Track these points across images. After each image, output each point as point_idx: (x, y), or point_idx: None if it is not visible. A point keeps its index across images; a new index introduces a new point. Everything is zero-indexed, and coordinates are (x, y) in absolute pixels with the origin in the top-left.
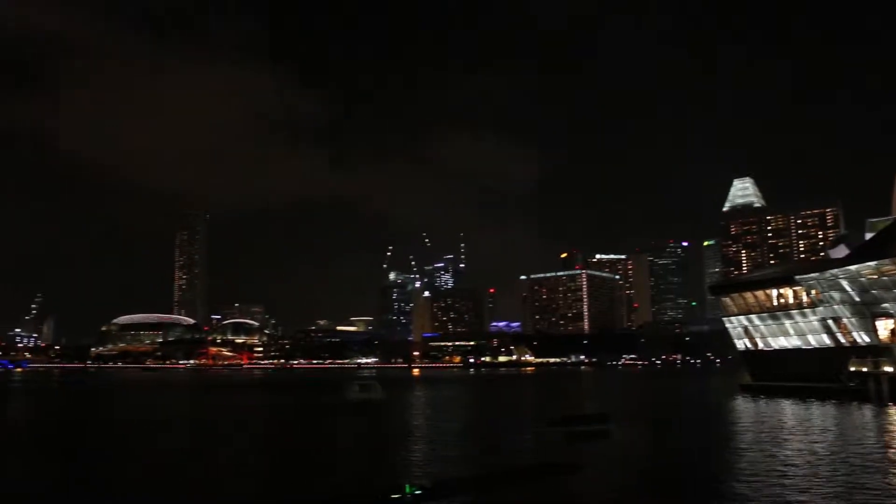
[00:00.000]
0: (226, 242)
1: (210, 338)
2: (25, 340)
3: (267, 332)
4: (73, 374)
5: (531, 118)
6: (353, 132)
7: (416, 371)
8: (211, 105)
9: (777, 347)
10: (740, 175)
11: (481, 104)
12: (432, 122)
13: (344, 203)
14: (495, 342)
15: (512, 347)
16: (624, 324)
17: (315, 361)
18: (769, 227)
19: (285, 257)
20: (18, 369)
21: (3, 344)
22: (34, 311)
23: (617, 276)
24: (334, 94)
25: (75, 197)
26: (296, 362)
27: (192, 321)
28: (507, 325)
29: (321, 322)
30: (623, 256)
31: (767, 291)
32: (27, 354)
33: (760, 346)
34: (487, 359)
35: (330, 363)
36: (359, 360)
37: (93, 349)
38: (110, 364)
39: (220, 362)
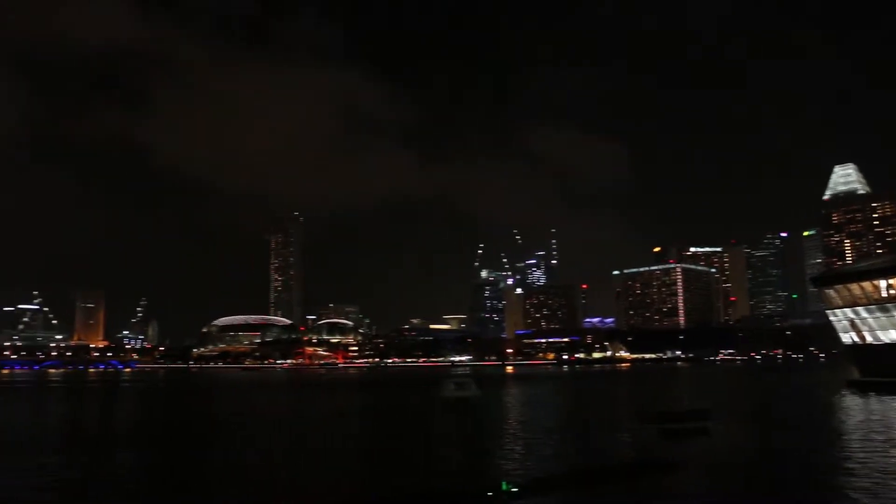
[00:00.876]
0: (319, 244)
1: (306, 338)
2: (133, 342)
3: (361, 331)
4: (177, 373)
5: (621, 112)
6: (442, 131)
7: (509, 368)
8: (299, 108)
9: (888, 341)
10: (841, 161)
11: (571, 99)
12: (522, 119)
13: (434, 202)
14: (589, 339)
15: (606, 344)
16: (721, 318)
17: (409, 360)
18: (875, 215)
19: (377, 257)
20: (127, 369)
21: (113, 346)
22: (140, 315)
23: (713, 270)
24: (424, 93)
25: (174, 205)
26: (390, 361)
27: (288, 322)
28: (600, 321)
29: (415, 321)
30: (719, 249)
31: (875, 282)
32: (134, 356)
33: (869, 339)
34: (581, 355)
35: (424, 361)
36: (452, 359)
37: (194, 350)
38: (211, 364)
39: (316, 362)
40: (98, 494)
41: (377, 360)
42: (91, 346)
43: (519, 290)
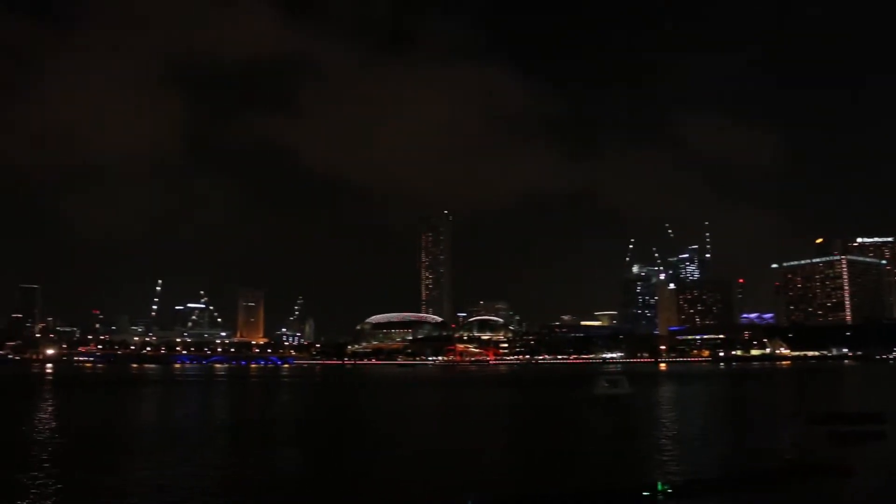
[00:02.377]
0: (468, 240)
1: (457, 335)
2: (290, 339)
3: (511, 328)
4: (333, 369)
5: (774, 98)
6: (586, 125)
7: (663, 366)
8: (441, 107)
9: None
10: None
11: (720, 87)
12: (669, 109)
13: (582, 196)
14: (746, 335)
15: (765, 340)
16: (894, 313)
17: (560, 357)
18: None
19: (524, 254)
20: (286, 365)
21: (273, 342)
22: (297, 313)
23: (883, 262)
24: (566, 87)
25: (324, 206)
26: (541, 358)
27: (439, 319)
28: (758, 317)
29: (565, 317)
30: (889, 239)
31: None
32: (292, 352)
33: None
34: (738, 352)
35: (575, 358)
36: (604, 355)
37: (349, 347)
38: (364, 361)
39: (467, 359)
40: (259, 490)
41: (528, 357)
42: (252, 342)
43: (672, 286)
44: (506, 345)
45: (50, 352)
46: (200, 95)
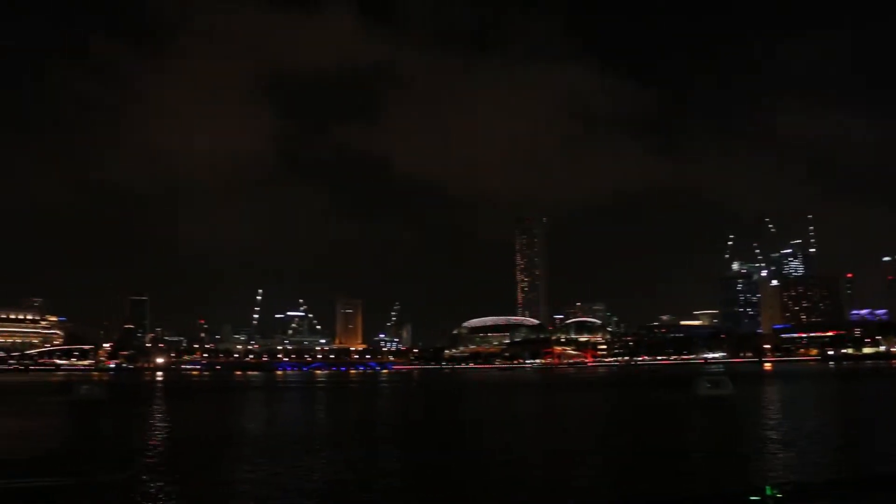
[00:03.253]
0: (562, 241)
1: (554, 337)
2: (389, 345)
3: (609, 329)
4: (431, 374)
5: (878, 85)
6: (681, 120)
7: (767, 365)
8: (528, 108)
9: None
10: None
11: (821, 76)
12: (767, 100)
13: (675, 193)
14: (857, 332)
15: (878, 337)
16: None
17: (659, 358)
18: None
19: (620, 253)
20: (384, 370)
21: (371, 348)
22: (394, 319)
23: None
24: (658, 83)
25: (416, 212)
26: (640, 359)
27: (536, 322)
28: (870, 313)
29: (664, 317)
30: None
31: None
32: (391, 357)
33: None
34: (849, 351)
35: (675, 359)
36: (705, 356)
37: (446, 351)
38: (462, 365)
39: (565, 361)
40: (363, 493)
41: (627, 358)
42: (351, 348)
43: (774, 282)
44: (604, 346)
45: (159, 360)
46: (289, 107)
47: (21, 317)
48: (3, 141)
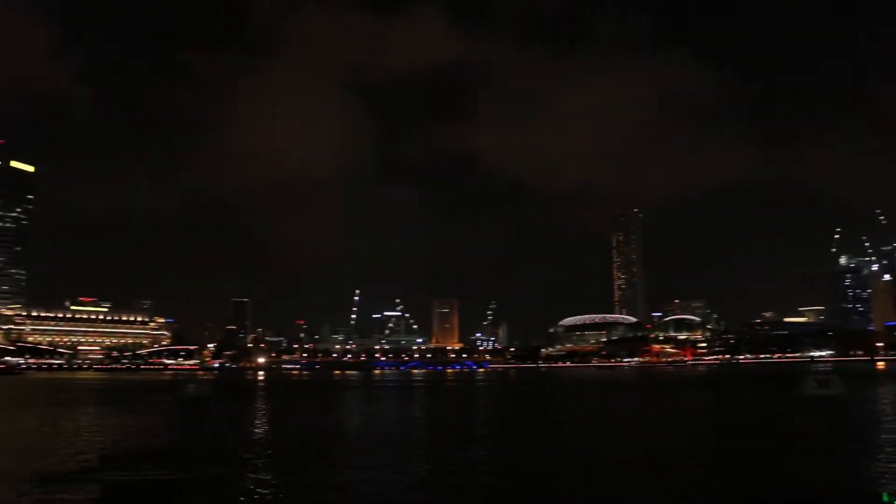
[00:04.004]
0: (658, 238)
1: (652, 335)
2: (485, 344)
3: (709, 326)
4: (527, 372)
5: None
6: (779, 108)
7: (880, 364)
8: (618, 102)
9: None
10: None
11: None
12: (874, 86)
13: (774, 186)
14: None
15: None
16: None
17: (762, 356)
18: None
19: (718, 248)
20: (481, 369)
21: (467, 347)
22: (490, 318)
23: None
24: (752, 70)
25: (508, 210)
26: (742, 357)
27: (633, 320)
28: None
29: (767, 314)
30: None
31: None
32: (487, 356)
33: None
34: None
35: (779, 357)
36: (811, 354)
37: (542, 350)
38: (559, 363)
39: (663, 359)
40: (460, 490)
41: (728, 356)
42: (447, 347)
43: (887, 276)
44: (704, 344)
45: (261, 360)
46: (383, 108)
47: (132, 318)
48: (116, 153)
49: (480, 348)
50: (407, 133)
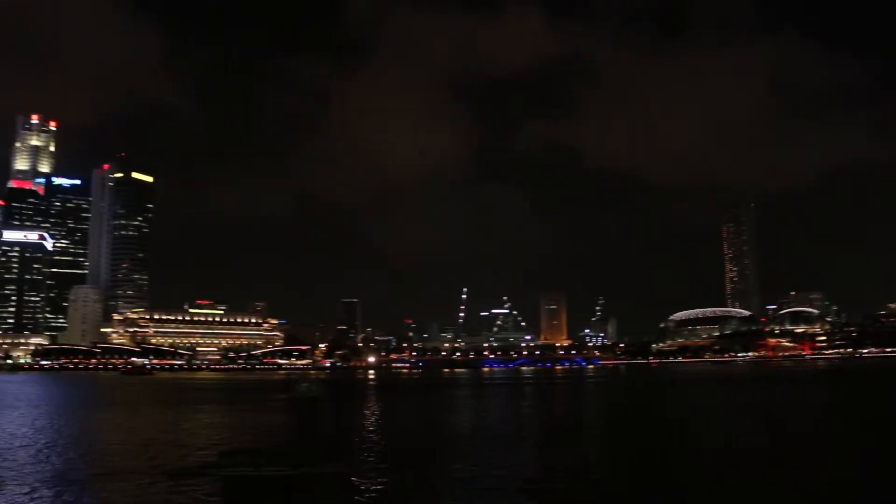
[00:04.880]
0: (772, 227)
1: (767, 329)
2: (594, 340)
3: (829, 319)
4: (638, 368)
5: None
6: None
7: None
8: (724, 90)
9: None
10: None
11: None
12: None
13: (893, 169)
14: None
15: None
16: None
17: (888, 349)
18: None
19: (839, 236)
20: (590, 366)
21: (576, 344)
22: (599, 313)
23: None
24: (864, 50)
25: (612, 204)
26: (865, 351)
27: (747, 313)
28: None
29: (892, 305)
30: None
31: None
32: (596, 353)
33: None
34: None
35: None
36: None
37: (653, 345)
38: (670, 359)
39: (779, 354)
40: (571, 492)
41: (850, 350)
42: (556, 344)
43: None
44: (823, 338)
45: (371, 359)
46: (485, 107)
47: (247, 320)
48: (229, 160)
49: (589, 344)
50: (512, 131)
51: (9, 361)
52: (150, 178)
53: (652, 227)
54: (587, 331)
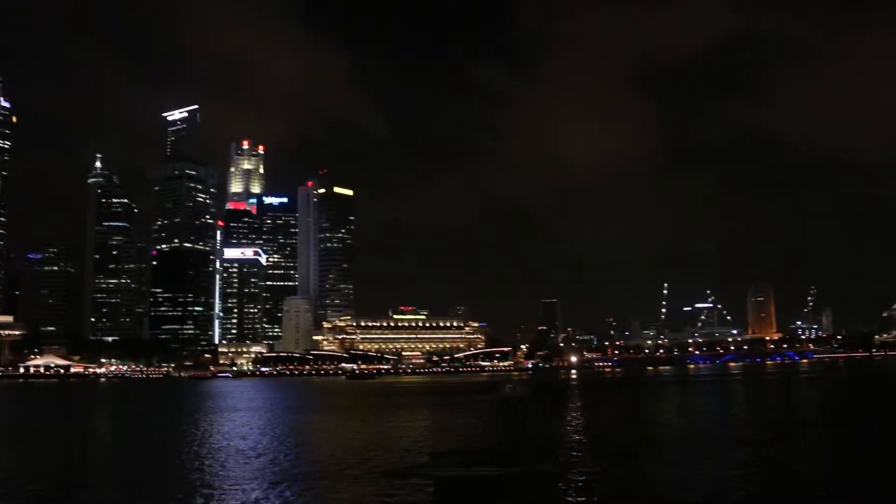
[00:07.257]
0: None
1: None
2: (807, 332)
3: None
4: (858, 362)
5: None
6: None
7: None
8: None
9: None
10: None
11: None
12: None
13: None
14: None
15: None
16: None
17: None
18: None
19: None
20: (804, 360)
21: (787, 337)
22: (811, 304)
23: None
24: None
25: (819, 187)
26: None
27: None
28: None
29: None
30: None
31: None
32: (810, 346)
33: None
34: None
35: None
36: None
37: (875, 336)
38: (895, 351)
39: None
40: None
41: None
42: (766, 338)
43: None
44: None
45: (573, 359)
46: (667, 96)
47: (448, 324)
48: (419, 169)
49: (802, 337)
50: (697, 118)
51: (234, 368)
52: (350, 192)
53: (861, 209)
54: (798, 323)
